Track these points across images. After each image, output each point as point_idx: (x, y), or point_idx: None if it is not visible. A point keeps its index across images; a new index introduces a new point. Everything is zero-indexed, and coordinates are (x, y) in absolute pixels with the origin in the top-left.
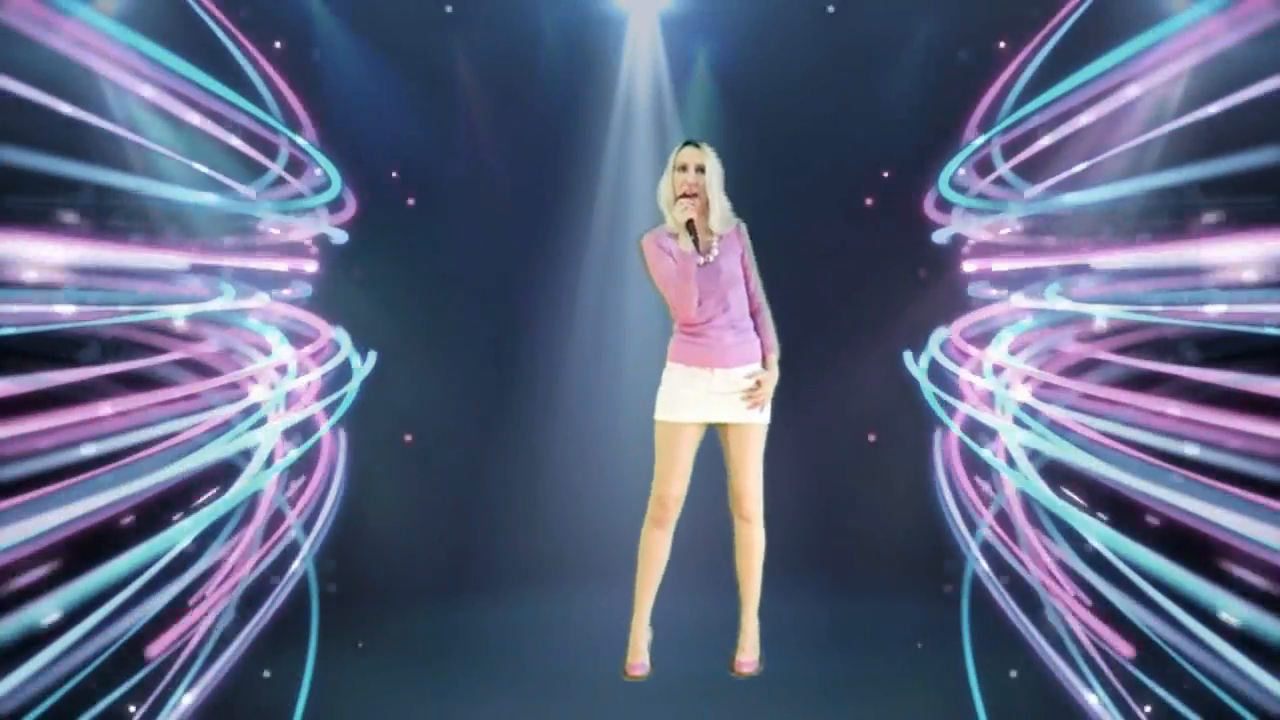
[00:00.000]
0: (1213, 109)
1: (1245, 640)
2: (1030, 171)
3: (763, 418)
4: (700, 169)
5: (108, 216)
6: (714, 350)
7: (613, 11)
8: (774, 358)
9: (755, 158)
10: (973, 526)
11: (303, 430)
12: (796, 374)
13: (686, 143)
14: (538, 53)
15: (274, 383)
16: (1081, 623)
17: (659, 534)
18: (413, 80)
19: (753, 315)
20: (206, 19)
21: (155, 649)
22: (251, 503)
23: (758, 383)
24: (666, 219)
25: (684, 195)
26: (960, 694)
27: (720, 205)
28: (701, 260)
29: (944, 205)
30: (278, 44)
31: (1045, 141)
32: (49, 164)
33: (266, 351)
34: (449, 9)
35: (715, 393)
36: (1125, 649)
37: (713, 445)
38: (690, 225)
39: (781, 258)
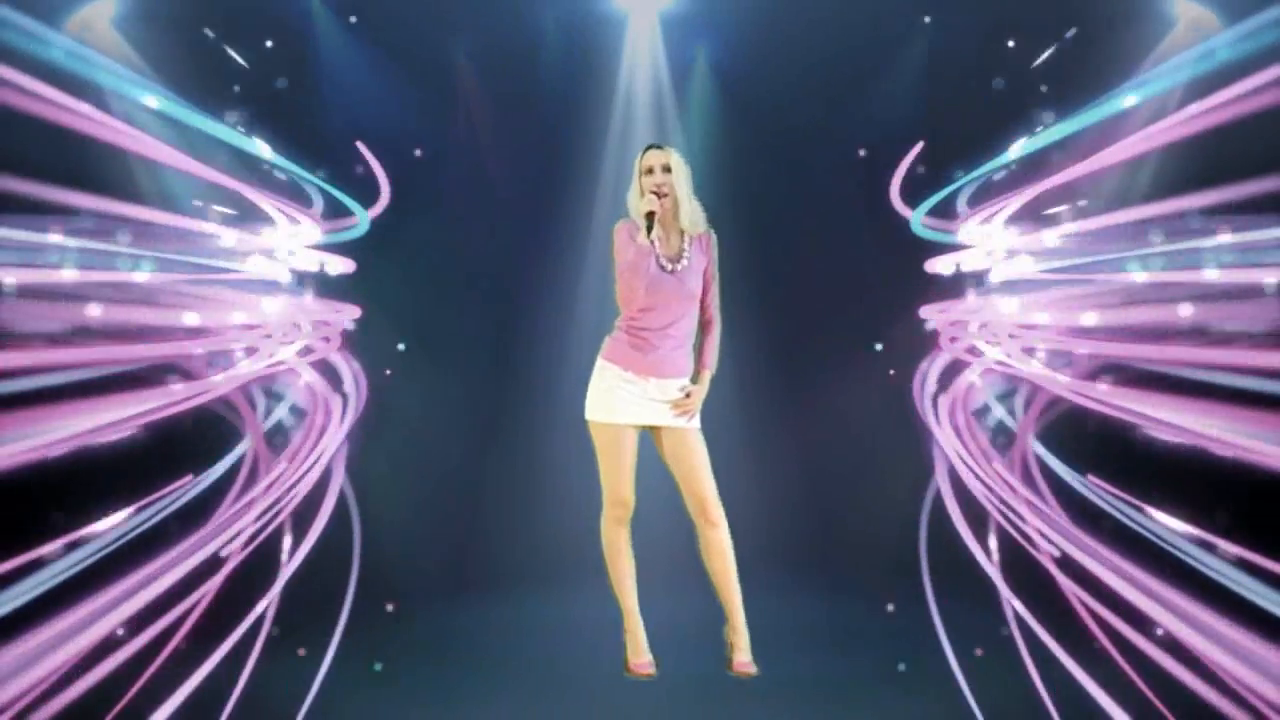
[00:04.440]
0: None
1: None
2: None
3: (694, 422)
4: (666, 168)
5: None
6: (653, 360)
7: (613, 11)
8: (708, 374)
9: (755, 158)
10: (974, 525)
11: (301, 430)
12: (796, 373)
13: (650, 146)
14: (538, 53)
15: (271, 382)
16: (1082, 622)
17: (623, 531)
18: (412, 80)
19: (704, 326)
20: (203, 17)
21: (149, 649)
22: (249, 502)
23: (687, 394)
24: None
25: (653, 193)
26: (960, 695)
27: (689, 204)
28: (668, 267)
29: (944, 205)
30: (270, 43)
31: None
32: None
33: (263, 351)
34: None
35: (648, 399)
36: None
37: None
38: (650, 217)
39: (780, 257)
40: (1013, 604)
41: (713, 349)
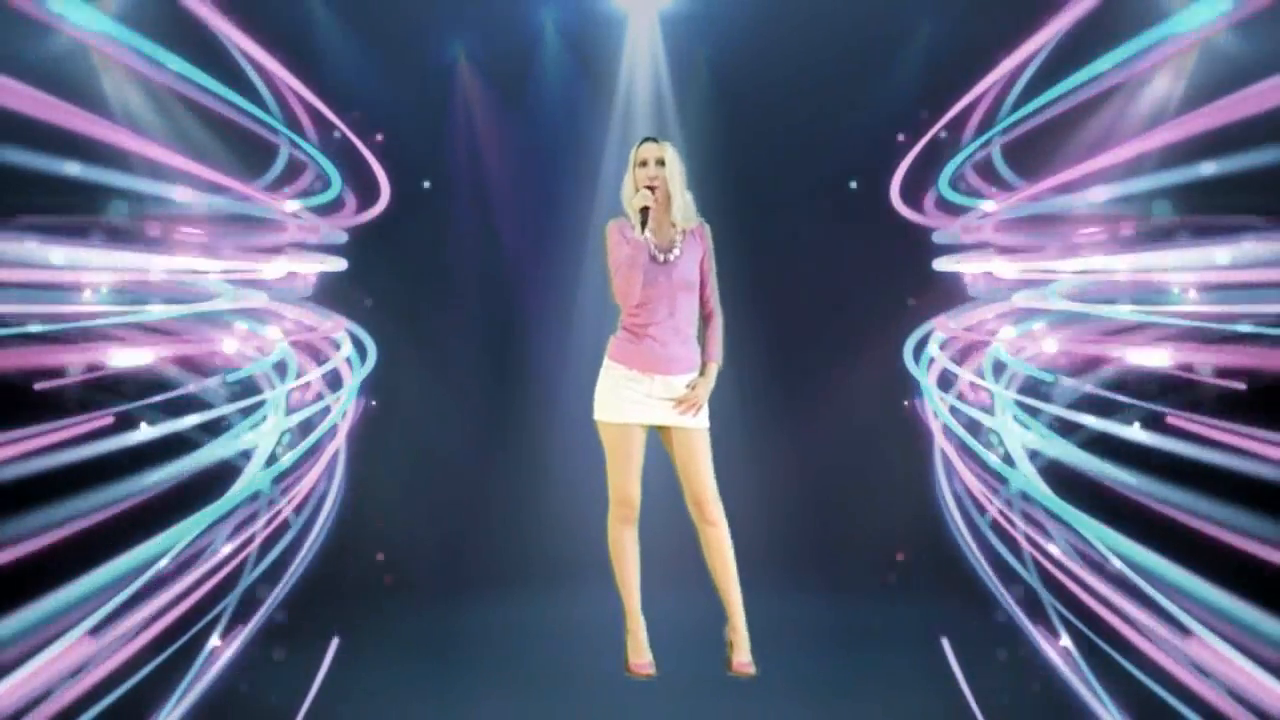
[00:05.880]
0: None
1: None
2: (1029, 170)
3: (703, 422)
4: (660, 162)
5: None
6: (657, 356)
7: (613, 11)
8: (714, 367)
9: (754, 158)
10: (973, 526)
11: (302, 430)
12: (795, 373)
13: (645, 139)
14: (538, 53)
15: (273, 382)
16: (1079, 620)
17: (629, 531)
18: (412, 80)
19: (705, 320)
20: (205, 18)
21: (155, 648)
22: (250, 503)
23: (692, 388)
24: (628, 215)
25: (645, 188)
26: (959, 693)
27: (681, 199)
28: (660, 258)
29: (944, 205)
30: (275, 42)
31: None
32: (48, 164)
33: (265, 351)
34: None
35: (654, 397)
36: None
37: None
38: (645, 212)
39: (780, 256)
40: (1012, 603)
41: (716, 341)
